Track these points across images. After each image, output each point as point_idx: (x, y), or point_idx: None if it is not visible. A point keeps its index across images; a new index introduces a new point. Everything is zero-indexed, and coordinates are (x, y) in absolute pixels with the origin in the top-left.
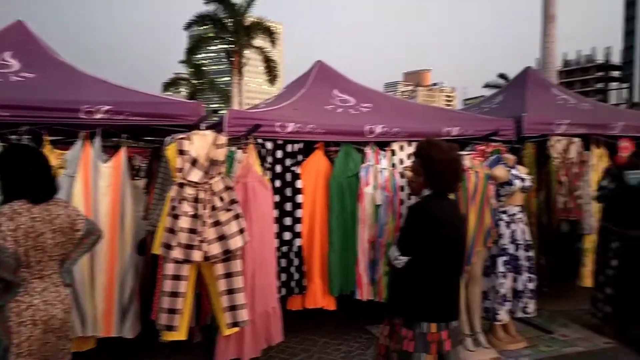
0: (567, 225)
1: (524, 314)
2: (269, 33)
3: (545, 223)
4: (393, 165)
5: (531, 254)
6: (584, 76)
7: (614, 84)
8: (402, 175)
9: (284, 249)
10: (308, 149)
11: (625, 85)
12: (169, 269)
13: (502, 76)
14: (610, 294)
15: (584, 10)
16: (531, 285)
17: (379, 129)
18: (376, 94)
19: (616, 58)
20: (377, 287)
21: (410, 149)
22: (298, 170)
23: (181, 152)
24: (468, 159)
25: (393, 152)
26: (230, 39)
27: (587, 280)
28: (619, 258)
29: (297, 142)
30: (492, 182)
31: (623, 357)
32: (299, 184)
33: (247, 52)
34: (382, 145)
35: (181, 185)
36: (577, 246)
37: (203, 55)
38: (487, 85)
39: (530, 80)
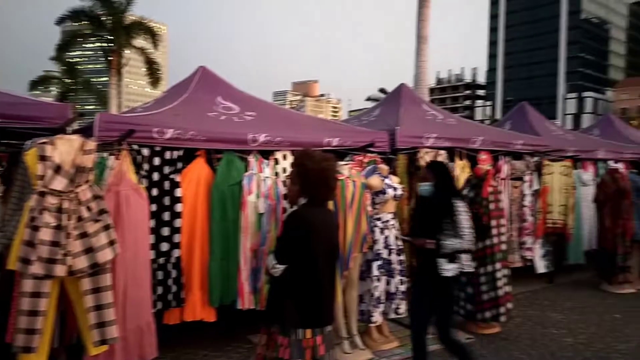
0: None
1: (396, 315)
2: (151, 33)
3: None
4: (276, 174)
5: (403, 257)
6: (454, 93)
7: (479, 102)
8: (285, 184)
9: (161, 260)
10: (190, 156)
11: (489, 103)
12: (27, 285)
13: (382, 90)
14: (471, 293)
15: (455, 32)
16: (403, 287)
17: (262, 137)
18: (260, 102)
19: (482, 78)
20: (259, 296)
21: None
22: (177, 178)
23: (43, 158)
24: (346, 168)
25: (276, 161)
26: (108, 37)
27: None
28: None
29: (177, 149)
30: (368, 190)
31: (481, 350)
32: (178, 192)
33: (127, 52)
34: (266, 154)
35: (42, 194)
36: None
37: (78, 53)
38: (369, 99)
39: (404, 96)
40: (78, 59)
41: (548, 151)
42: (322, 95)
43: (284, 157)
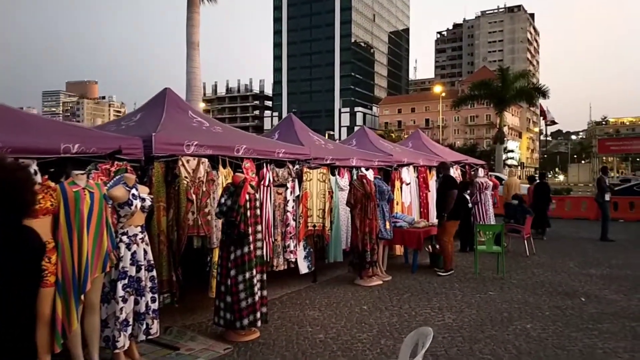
0: (199, 240)
1: (147, 336)
2: None
3: (175, 240)
4: None
5: (154, 273)
6: (244, 103)
7: (267, 112)
8: None
9: None
10: None
11: (275, 113)
12: None
13: None
14: (230, 302)
15: (244, 43)
16: (154, 306)
17: None
18: None
19: (269, 89)
20: None
21: None
22: None
23: None
24: (82, 178)
25: None
26: None
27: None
28: None
29: None
30: (111, 202)
31: (239, 358)
32: None
33: None
34: None
35: None
36: (208, 260)
37: None
38: None
39: (168, 101)
40: None
41: (308, 159)
42: (102, 97)
43: None
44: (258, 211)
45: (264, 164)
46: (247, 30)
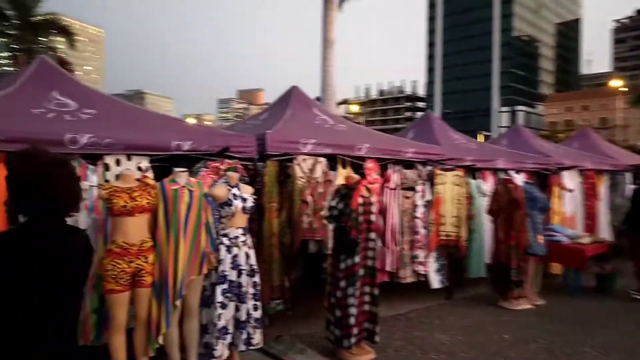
0: (315, 245)
1: (248, 346)
2: (66, 33)
3: (287, 243)
4: (106, 182)
5: (257, 279)
6: (396, 105)
7: (419, 113)
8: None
9: None
10: None
11: None
12: None
13: (317, 99)
14: (339, 316)
15: (395, 44)
16: (257, 314)
17: (85, 139)
18: (105, 98)
19: (422, 90)
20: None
21: (132, 164)
22: None
23: None
24: (183, 176)
25: (106, 167)
26: (14, 34)
27: None
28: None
29: None
30: (214, 202)
31: None
32: None
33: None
34: (95, 158)
35: None
36: (324, 266)
37: None
38: None
39: (293, 99)
40: None
41: (442, 160)
42: (267, 103)
43: (117, 162)
44: (372, 217)
45: (389, 165)
46: (395, 34)
